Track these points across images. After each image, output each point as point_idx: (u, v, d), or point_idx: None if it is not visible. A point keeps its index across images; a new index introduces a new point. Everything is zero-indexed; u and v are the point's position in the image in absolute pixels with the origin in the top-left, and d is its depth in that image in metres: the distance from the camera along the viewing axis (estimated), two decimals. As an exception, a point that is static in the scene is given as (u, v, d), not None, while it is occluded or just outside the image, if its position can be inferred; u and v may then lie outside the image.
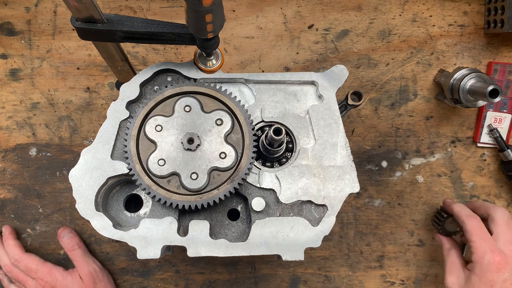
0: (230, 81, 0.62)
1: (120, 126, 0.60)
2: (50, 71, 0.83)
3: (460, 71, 0.77)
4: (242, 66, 0.84)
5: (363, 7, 0.83)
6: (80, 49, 0.82)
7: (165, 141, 0.57)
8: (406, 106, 0.85)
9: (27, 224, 0.84)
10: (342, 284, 0.87)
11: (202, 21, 0.48)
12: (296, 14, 0.83)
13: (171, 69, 0.62)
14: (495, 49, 0.84)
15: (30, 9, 0.82)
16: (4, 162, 0.83)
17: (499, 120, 0.83)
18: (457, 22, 0.84)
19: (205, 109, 0.59)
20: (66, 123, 0.83)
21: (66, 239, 0.81)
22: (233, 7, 0.83)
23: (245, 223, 0.63)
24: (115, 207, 0.63)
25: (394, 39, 0.84)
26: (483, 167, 0.86)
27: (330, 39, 0.84)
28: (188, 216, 0.61)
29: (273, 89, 0.63)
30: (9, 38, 0.82)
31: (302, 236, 0.59)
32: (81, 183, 0.58)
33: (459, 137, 0.86)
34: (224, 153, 0.57)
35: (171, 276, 0.86)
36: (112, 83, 0.83)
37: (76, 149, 0.84)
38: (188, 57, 0.83)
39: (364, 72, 0.84)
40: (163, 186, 0.57)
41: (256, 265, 0.87)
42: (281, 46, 0.84)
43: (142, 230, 0.58)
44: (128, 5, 0.82)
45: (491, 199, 0.86)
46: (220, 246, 0.58)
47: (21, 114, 0.83)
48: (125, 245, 0.84)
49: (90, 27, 0.51)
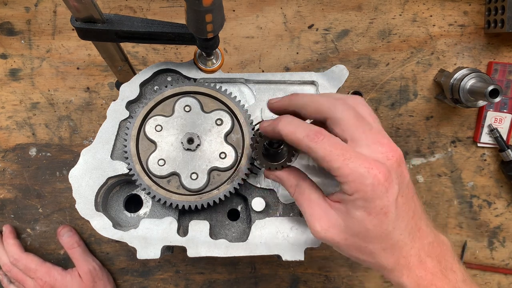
0: (230, 81, 0.62)
1: (120, 126, 0.59)
2: (50, 71, 0.82)
3: (460, 71, 0.77)
4: (242, 66, 0.84)
5: (363, 7, 0.83)
6: (80, 49, 0.82)
7: (165, 141, 0.57)
8: (406, 106, 0.85)
9: (27, 224, 0.84)
10: (342, 284, 0.87)
11: (202, 21, 0.48)
12: (296, 14, 0.83)
13: (171, 69, 0.62)
14: (495, 49, 0.84)
15: (30, 9, 0.82)
16: (4, 162, 0.83)
17: (499, 120, 0.83)
18: (457, 22, 0.84)
19: (205, 109, 0.59)
20: (66, 123, 0.83)
21: (65, 237, 0.81)
22: (233, 7, 0.83)
23: (245, 223, 0.63)
24: (115, 207, 0.62)
25: (394, 39, 0.84)
26: (483, 167, 0.86)
27: (330, 39, 0.84)
28: (188, 216, 0.61)
29: (273, 89, 0.63)
30: (9, 38, 0.82)
31: (302, 236, 0.59)
32: (81, 183, 0.58)
33: (459, 137, 0.86)
34: (224, 153, 0.57)
35: (171, 276, 0.86)
36: (112, 83, 0.83)
37: (76, 149, 0.84)
38: (188, 57, 0.83)
39: (364, 72, 0.84)
40: (163, 186, 0.57)
41: (256, 265, 0.87)
42: (281, 46, 0.84)
43: (142, 230, 0.58)
44: (128, 5, 0.82)
45: (491, 199, 0.86)
46: (220, 246, 0.58)
47: (21, 114, 0.83)
48: (125, 245, 0.84)
49: (90, 27, 0.51)
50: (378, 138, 0.46)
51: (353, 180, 0.44)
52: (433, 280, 0.47)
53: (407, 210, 0.47)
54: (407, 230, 0.47)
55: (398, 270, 0.47)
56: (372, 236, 0.46)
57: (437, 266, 0.48)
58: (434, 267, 0.48)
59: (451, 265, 0.49)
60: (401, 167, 0.47)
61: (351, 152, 0.45)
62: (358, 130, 0.46)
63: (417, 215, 0.48)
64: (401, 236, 0.46)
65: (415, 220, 0.48)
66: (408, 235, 0.47)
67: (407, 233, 0.47)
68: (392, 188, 0.44)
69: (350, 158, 0.44)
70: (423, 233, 0.48)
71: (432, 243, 0.49)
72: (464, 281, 0.49)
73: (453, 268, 0.49)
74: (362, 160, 0.44)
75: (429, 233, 0.49)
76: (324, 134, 0.46)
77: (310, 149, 0.46)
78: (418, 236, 0.48)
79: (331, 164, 0.45)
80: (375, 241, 0.46)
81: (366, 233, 0.46)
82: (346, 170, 0.44)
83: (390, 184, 0.44)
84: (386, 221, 0.45)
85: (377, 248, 0.47)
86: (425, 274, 0.47)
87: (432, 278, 0.47)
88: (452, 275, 0.48)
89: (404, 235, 0.47)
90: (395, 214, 0.45)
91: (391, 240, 0.46)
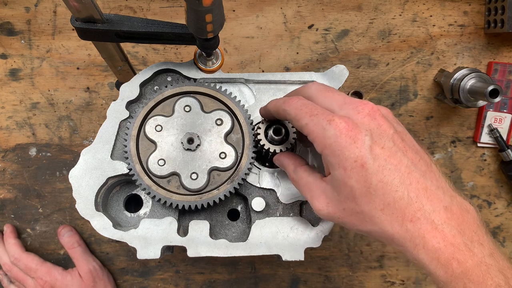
0: (230, 81, 0.62)
1: (120, 126, 0.60)
2: (50, 71, 0.82)
3: (460, 71, 0.77)
4: (242, 66, 0.84)
5: (363, 7, 0.83)
6: (80, 49, 0.82)
7: (165, 141, 0.57)
8: (406, 106, 0.85)
9: (27, 224, 0.84)
10: (342, 284, 0.87)
11: (202, 21, 0.48)
12: (296, 14, 0.83)
13: (171, 69, 0.62)
14: (495, 49, 0.84)
15: (30, 9, 0.82)
16: (4, 162, 0.83)
17: (499, 120, 0.83)
18: (457, 22, 0.84)
19: (205, 109, 0.59)
20: (66, 123, 0.83)
21: (66, 237, 0.81)
22: (233, 7, 0.83)
23: (245, 223, 0.63)
24: (115, 207, 0.62)
25: (394, 39, 0.84)
26: (483, 167, 0.86)
27: (330, 39, 0.84)
28: (188, 216, 0.61)
29: (273, 89, 0.63)
30: (9, 38, 0.82)
31: (302, 236, 0.59)
32: (81, 183, 0.58)
33: (459, 137, 0.86)
34: (224, 153, 0.57)
35: (171, 276, 0.86)
36: (112, 83, 0.83)
37: (76, 149, 0.84)
38: (188, 57, 0.83)
39: (364, 72, 0.84)
40: (163, 186, 0.57)
41: (256, 265, 0.87)
42: (281, 46, 0.84)
43: (142, 230, 0.58)
44: (128, 5, 0.82)
45: (491, 199, 0.86)
46: (220, 246, 0.58)
47: (21, 114, 0.83)
48: (125, 245, 0.84)
49: (90, 27, 0.51)
50: (345, 98, 0.46)
51: (318, 135, 0.44)
52: (454, 253, 0.40)
53: (396, 163, 0.42)
54: (404, 186, 0.41)
55: (409, 240, 0.41)
56: (359, 194, 0.42)
57: (458, 237, 0.41)
58: (455, 237, 0.40)
59: (478, 237, 0.42)
60: (377, 120, 0.44)
61: (319, 109, 0.45)
62: (327, 99, 0.47)
63: (417, 172, 0.42)
64: (398, 193, 0.41)
65: (415, 177, 0.42)
66: (408, 192, 0.41)
67: (404, 190, 0.41)
68: (360, 139, 0.42)
69: (316, 114, 0.45)
70: (432, 194, 0.42)
71: (450, 209, 0.42)
72: (491, 255, 0.41)
73: (480, 240, 0.42)
74: (326, 114, 0.44)
75: (442, 196, 0.42)
76: (300, 98, 0.48)
77: (285, 112, 0.48)
78: (426, 196, 0.42)
79: (300, 122, 0.46)
80: (365, 199, 0.42)
81: (353, 192, 0.43)
82: (311, 126, 0.44)
83: (357, 134, 0.42)
84: (366, 174, 0.41)
85: (373, 209, 0.42)
86: (444, 246, 0.40)
87: (453, 251, 0.40)
88: (478, 249, 0.41)
89: (401, 192, 0.41)
90: (376, 165, 0.41)
91: (383, 197, 0.42)
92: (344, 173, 0.43)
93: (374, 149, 0.42)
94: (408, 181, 0.42)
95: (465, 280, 0.40)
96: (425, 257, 0.41)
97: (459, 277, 0.40)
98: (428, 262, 0.41)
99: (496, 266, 0.41)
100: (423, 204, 0.41)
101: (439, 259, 0.40)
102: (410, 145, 0.45)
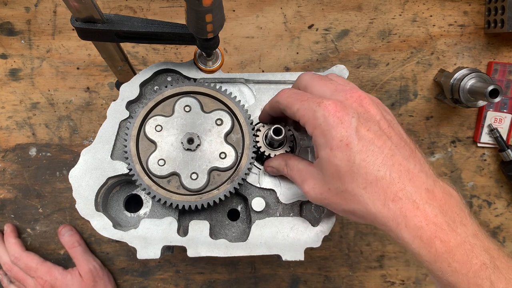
0: (230, 81, 0.62)
1: (120, 126, 0.60)
2: (50, 71, 0.82)
3: (460, 71, 0.77)
4: (242, 66, 0.84)
5: (363, 7, 0.83)
6: (80, 49, 0.82)
7: (165, 141, 0.57)
8: (406, 106, 0.85)
9: (27, 224, 0.84)
10: (342, 284, 0.87)
11: (202, 21, 0.48)
12: (296, 14, 0.83)
13: (171, 69, 0.62)
14: (495, 49, 0.84)
15: (30, 9, 0.82)
16: (4, 162, 0.83)
17: (499, 120, 0.83)
18: (457, 22, 0.84)
19: (205, 109, 0.59)
20: (66, 123, 0.83)
21: (66, 236, 0.81)
22: (233, 7, 0.83)
23: (245, 223, 0.63)
24: (115, 207, 0.63)
25: (394, 39, 0.84)
26: (483, 167, 0.86)
27: (330, 39, 0.84)
28: (188, 216, 0.61)
29: (273, 89, 0.63)
30: (9, 38, 0.82)
31: (302, 236, 0.59)
32: (81, 183, 0.58)
33: (459, 137, 0.86)
34: (224, 153, 0.57)
35: (171, 276, 0.86)
36: (112, 83, 0.83)
37: (76, 149, 0.84)
38: (188, 57, 0.83)
39: (364, 72, 0.84)
40: (163, 186, 0.57)
41: (256, 265, 0.87)
42: (281, 46, 0.84)
43: (142, 230, 0.58)
44: (128, 5, 0.82)
45: (491, 199, 0.86)
46: (220, 246, 0.58)
47: (21, 114, 0.83)
48: (125, 245, 0.84)
49: (90, 27, 0.51)
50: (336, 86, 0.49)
51: (309, 117, 0.46)
52: (437, 232, 0.41)
53: (380, 145, 0.44)
54: (386, 167, 0.43)
55: (392, 219, 0.42)
56: (343, 173, 0.44)
57: (440, 216, 0.41)
58: (436, 216, 0.41)
59: (461, 219, 0.42)
60: (364, 106, 0.47)
61: (308, 95, 0.48)
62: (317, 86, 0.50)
63: (400, 156, 0.44)
64: (380, 173, 0.43)
65: (397, 159, 0.43)
66: (391, 173, 0.43)
67: (387, 170, 0.43)
68: (347, 120, 0.44)
69: (307, 99, 0.48)
70: (415, 176, 0.43)
71: (432, 191, 0.43)
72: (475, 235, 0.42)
73: (463, 221, 0.42)
74: (316, 98, 0.47)
75: (424, 178, 0.43)
76: (290, 88, 0.52)
77: (278, 103, 0.52)
78: (409, 178, 0.43)
79: (292, 109, 0.49)
80: (349, 178, 0.44)
81: (337, 171, 0.44)
82: (302, 110, 0.47)
83: (344, 115, 0.44)
84: (350, 153, 0.43)
85: (356, 188, 0.44)
86: (426, 224, 0.41)
87: (435, 230, 0.41)
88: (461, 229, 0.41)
89: (383, 172, 0.43)
90: (360, 146, 0.43)
91: (366, 175, 0.43)
92: (330, 152, 0.45)
93: (359, 130, 0.44)
94: (391, 162, 0.43)
95: (450, 260, 0.40)
96: (408, 235, 0.42)
97: (443, 256, 0.40)
98: (411, 241, 0.41)
99: (480, 246, 0.41)
100: (405, 185, 0.42)
101: (421, 237, 0.41)
102: (396, 131, 0.47)
